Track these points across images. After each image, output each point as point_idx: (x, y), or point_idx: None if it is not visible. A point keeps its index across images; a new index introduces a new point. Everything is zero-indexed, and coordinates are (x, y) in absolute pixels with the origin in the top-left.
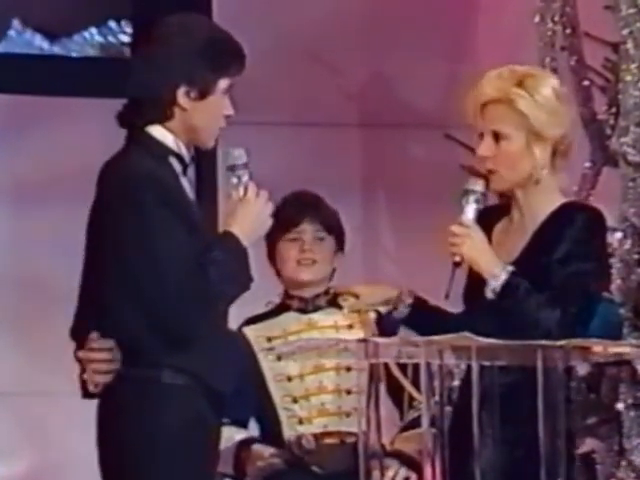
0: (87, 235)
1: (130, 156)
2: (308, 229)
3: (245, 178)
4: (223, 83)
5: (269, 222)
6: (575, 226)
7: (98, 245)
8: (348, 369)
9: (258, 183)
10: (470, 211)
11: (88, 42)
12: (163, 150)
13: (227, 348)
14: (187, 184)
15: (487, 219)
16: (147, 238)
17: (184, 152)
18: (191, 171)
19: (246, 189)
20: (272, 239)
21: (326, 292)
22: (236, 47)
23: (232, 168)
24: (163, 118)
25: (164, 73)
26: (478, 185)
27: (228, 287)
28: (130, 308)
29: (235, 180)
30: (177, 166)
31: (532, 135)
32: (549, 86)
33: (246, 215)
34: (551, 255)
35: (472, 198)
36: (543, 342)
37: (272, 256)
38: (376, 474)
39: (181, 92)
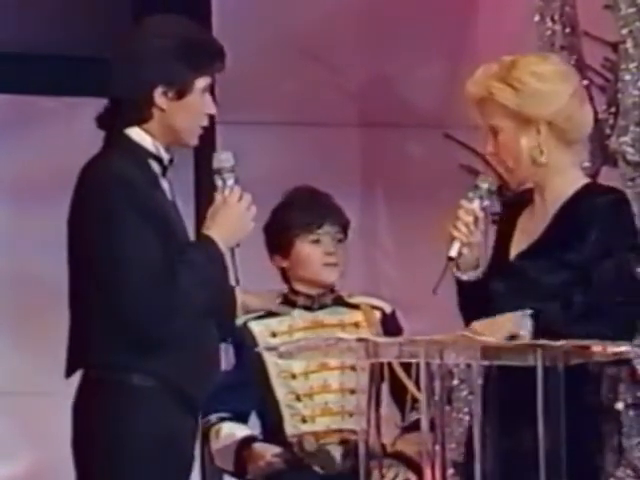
0: (67, 237)
1: (105, 158)
2: (330, 231)
3: (230, 182)
4: (201, 82)
5: (250, 226)
6: (604, 210)
7: (72, 247)
8: (353, 368)
9: (256, 183)
10: (476, 206)
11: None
12: (141, 152)
13: (202, 353)
14: (167, 186)
15: (512, 209)
16: (111, 240)
17: (163, 154)
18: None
19: (230, 192)
20: (288, 237)
21: (332, 290)
22: (213, 46)
23: (218, 171)
24: (141, 120)
25: (140, 74)
26: (486, 182)
27: (201, 290)
28: (98, 309)
29: (220, 183)
30: (156, 168)
31: (521, 121)
32: (527, 70)
33: (226, 219)
34: (582, 238)
35: (478, 194)
36: (543, 342)
37: (285, 253)
38: (376, 475)
39: (158, 92)
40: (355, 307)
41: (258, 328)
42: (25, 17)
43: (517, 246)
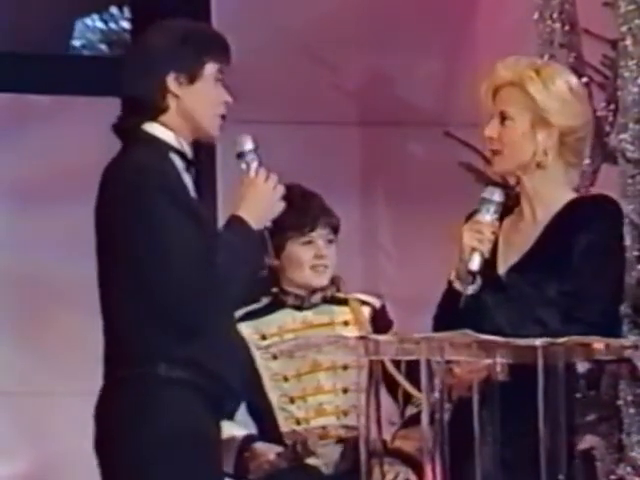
0: (96, 235)
1: (131, 153)
2: (322, 233)
3: (254, 164)
4: (210, 68)
5: (279, 205)
6: (596, 218)
7: (105, 242)
8: (345, 367)
9: None
10: (491, 218)
11: (90, 28)
12: (163, 146)
13: (233, 343)
14: (189, 181)
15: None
16: (154, 227)
17: (186, 149)
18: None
19: (256, 174)
20: (280, 238)
21: (321, 289)
22: (217, 35)
23: (240, 155)
24: (159, 111)
25: (151, 66)
26: (495, 193)
27: (239, 269)
28: (132, 300)
29: (244, 166)
30: (179, 163)
31: (537, 119)
32: (563, 79)
33: (255, 199)
34: (573, 247)
35: (491, 208)
36: (544, 339)
37: (275, 253)
38: (377, 474)
39: (170, 79)
40: (344, 302)
41: (247, 330)
42: (25, 17)
43: (505, 259)
